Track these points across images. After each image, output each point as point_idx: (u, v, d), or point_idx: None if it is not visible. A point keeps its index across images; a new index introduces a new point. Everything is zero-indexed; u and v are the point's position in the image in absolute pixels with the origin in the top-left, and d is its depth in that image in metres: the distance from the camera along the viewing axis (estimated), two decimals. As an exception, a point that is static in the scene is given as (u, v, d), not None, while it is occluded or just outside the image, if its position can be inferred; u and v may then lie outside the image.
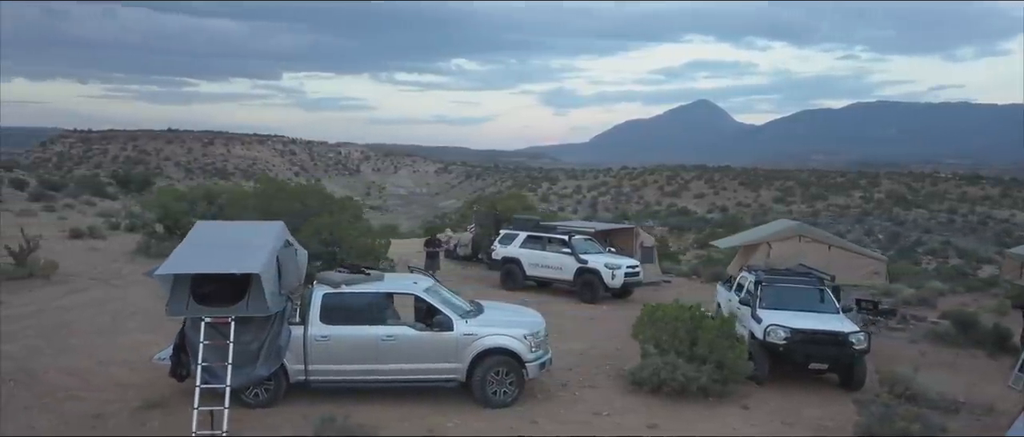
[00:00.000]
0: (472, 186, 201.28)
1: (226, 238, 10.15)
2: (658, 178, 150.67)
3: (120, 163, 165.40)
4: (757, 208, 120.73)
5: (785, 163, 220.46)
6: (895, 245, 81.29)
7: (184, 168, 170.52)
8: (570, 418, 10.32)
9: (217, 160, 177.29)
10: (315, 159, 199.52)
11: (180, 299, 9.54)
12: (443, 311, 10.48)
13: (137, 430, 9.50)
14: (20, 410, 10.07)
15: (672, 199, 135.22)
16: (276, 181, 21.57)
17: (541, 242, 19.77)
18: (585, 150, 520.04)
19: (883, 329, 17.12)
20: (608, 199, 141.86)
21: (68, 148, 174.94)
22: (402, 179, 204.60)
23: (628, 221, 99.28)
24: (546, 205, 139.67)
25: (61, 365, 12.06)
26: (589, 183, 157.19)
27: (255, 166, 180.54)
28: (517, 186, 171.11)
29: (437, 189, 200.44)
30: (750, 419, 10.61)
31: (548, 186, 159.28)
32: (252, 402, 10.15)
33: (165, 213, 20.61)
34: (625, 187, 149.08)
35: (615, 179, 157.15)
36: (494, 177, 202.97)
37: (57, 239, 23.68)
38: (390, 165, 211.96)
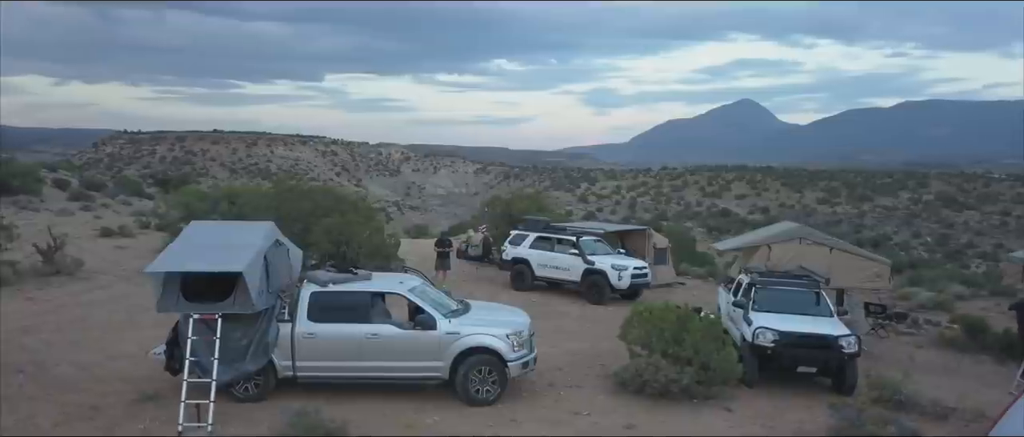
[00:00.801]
0: (511, 186, 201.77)
1: (216, 238, 10.52)
2: (699, 179, 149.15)
3: (168, 163, 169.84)
4: (800, 209, 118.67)
5: (831, 163, 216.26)
6: (944, 248, 79.15)
7: (229, 168, 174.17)
8: (550, 417, 10.47)
9: (260, 160, 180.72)
10: (356, 160, 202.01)
11: (170, 296, 9.94)
12: (426, 310, 10.71)
13: (130, 422, 9.92)
14: (25, 400, 10.58)
15: (713, 200, 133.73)
16: (288, 182, 22.06)
17: (550, 243, 19.89)
18: (626, 150, 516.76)
19: (893, 333, 16.89)
20: (648, 200, 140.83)
21: (119, 149, 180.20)
22: (442, 179, 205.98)
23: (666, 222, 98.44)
24: (585, 205, 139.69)
25: (71, 358, 12.62)
26: (628, 183, 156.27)
27: (297, 167, 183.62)
28: (555, 186, 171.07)
29: (476, 189, 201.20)
30: (731, 421, 10.62)
31: (587, 186, 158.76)
32: (242, 396, 10.51)
33: (188, 212, 21.23)
34: (665, 188, 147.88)
35: (655, 179, 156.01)
36: (533, 177, 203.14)
37: (88, 238, 24.58)
38: (430, 166, 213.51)
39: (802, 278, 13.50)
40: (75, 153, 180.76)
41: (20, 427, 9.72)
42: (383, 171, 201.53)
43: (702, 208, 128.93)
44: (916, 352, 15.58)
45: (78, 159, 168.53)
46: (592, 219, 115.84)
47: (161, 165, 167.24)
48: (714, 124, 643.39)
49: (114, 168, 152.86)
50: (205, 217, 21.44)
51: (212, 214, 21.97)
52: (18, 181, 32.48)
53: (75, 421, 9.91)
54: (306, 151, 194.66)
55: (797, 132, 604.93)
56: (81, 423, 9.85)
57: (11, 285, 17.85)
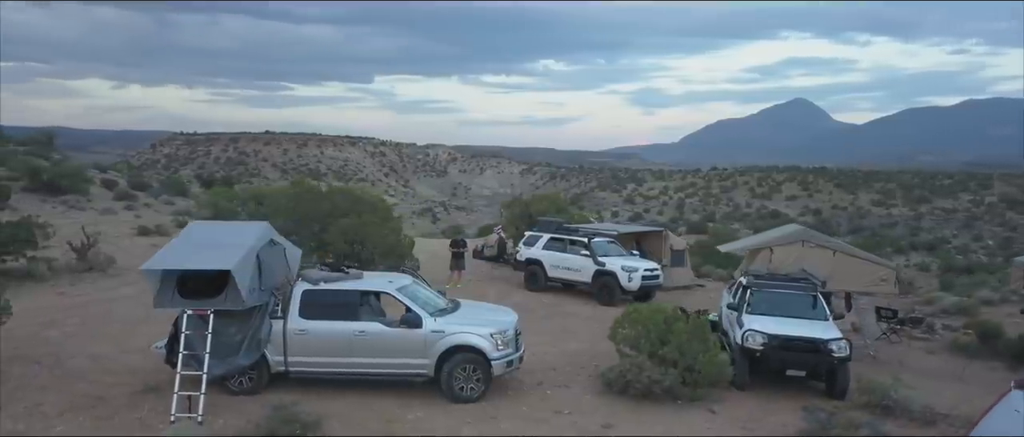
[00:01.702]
0: (556, 187, 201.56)
1: (211, 237, 10.98)
2: (749, 179, 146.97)
3: (222, 164, 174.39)
4: (853, 211, 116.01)
5: (888, 164, 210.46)
6: (1006, 251, 76.25)
7: (280, 169, 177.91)
8: (530, 415, 10.65)
9: (310, 161, 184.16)
10: (404, 160, 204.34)
11: (166, 292, 10.44)
12: (413, 309, 10.99)
13: (130, 411, 10.44)
14: (36, 390, 11.21)
15: (763, 201, 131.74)
16: (306, 183, 22.62)
17: (563, 244, 20.02)
18: (674, 150, 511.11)
19: (907, 338, 16.57)
20: (696, 201, 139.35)
21: (175, 150, 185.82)
22: (487, 180, 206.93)
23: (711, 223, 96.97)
24: (631, 206, 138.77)
25: (88, 351, 13.29)
26: (676, 184, 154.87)
27: (346, 167, 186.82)
28: (601, 187, 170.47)
29: (521, 190, 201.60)
30: (712, 422, 10.65)
31: (633, 187, 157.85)
32: (237, 389, 10.95)
33: (216, 212, 21.97)
34: (714, 188, 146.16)
35: (704, 180, 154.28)
36: (578, 178, 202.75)
37: (125, 236, 25.61)
38: (476, 166, 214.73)
39: (800, 281, 13.39)
40: (133, 154, 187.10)
41: (27, 414, 10.32)
42: (430, 172, 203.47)
43: (751, 209, 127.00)
44: (925, 357, 15.27)
45: (136, 160, 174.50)
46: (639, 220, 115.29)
47: (215, 166, 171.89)
48: (766, 124, 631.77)
49: (170, 168, 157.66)
50: (232, 217, 22.21)
51: (239, 213, 22.72)
52: (67, 181, 33.92)
53: (78, 410, 10.47)
54: (355, 152, 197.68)
55: (853, 132, 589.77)
56: (84, 412, 10.41)
57: (46, 281, 18.81)
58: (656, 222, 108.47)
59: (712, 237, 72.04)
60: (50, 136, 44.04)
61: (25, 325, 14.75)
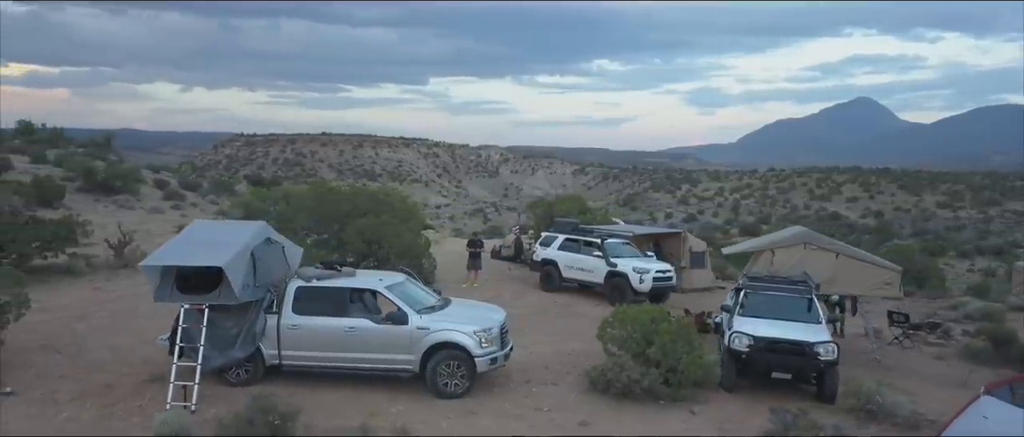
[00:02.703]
0: (609, 188, 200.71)
1: (209, 236, 11.58)
2: (807, 180, 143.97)
3: (280, 164, 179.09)
4: (917, 213, 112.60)
5: (957, 165, 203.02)
6: (1084, 256, 72.79)
7: (336, 169, 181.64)
8: (510, 412, 10.92)
9: (366, 162, 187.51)
10: (457, 161, 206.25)
11: (165, 287, 11.07)
12: (399, 306, 11.37)
13: (134, 399, 11.10)
14: (55, 377, 11.98)
15: (822, 203, 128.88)
16: (326, 183, 23.30)
17: (577, 245, 20.17)
18: (732, 151, 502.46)
19: (922, 344, 16.25)
20: (751, 202, 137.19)
21: (236, 151, 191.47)
22: (539, 180, 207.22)
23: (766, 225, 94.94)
24: (685, 207, 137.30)
25: (109, 342, 14.09)
26: (732, 185, 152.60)
27: (400, 168, 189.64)
28: (655, 188, 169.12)
29: (574, 190, 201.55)
30: (690, 422, 10.75)
31: (688, 188, 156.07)
32: (234, 381, 11.51)
33: (247, 211, 22.82)
34: (771, 189, 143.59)
35: (760, 181, 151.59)
36: (632, 178, 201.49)
37: (167, 234, 26.67)
38: (528, 167, 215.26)
39: (797, 284, 13.32)
40: (197, 155, 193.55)
41: (41, 400, 11.07)
42: (482, 172, 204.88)
43: (810, 211, 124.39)
44: (933, 363, 14.95)
45: (199, 160, 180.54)
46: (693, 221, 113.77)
47: (273, 166, 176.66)
48: (828, 124, 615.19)
49: (231, 169, 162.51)
50: (262, 216, 23.03)
51: (270, 213, 23.53)
52: (120, 181, 35.50)
53: (88, 397, 11.18)
54: (409, 153, 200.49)
55: (920, 131, 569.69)
56: (92, 398, 11.11)
57: (84, 276, 19.86)
58: (711, 224, 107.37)
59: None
60: (108, 138, 46.05)
61: (59, 318, 15.72)
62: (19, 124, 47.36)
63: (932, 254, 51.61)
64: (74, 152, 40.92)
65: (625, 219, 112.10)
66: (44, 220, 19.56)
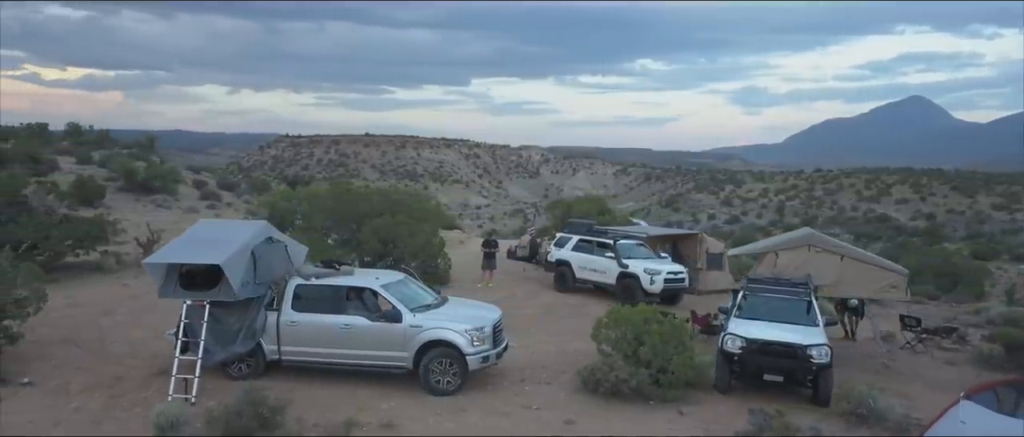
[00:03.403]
0: (651, 188, 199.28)
1: (212, 235, 12.00)
2: (855, 181, 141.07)
3: (324, 165, 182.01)
4: (971, 215, 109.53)
5: (1015, 165, 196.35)
6: None
7: (378, 170, 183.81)
8: (499, 409, 11.09)
9: (408, 163, 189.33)
10: (497, 162, 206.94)
11: (169, 284, 11.52)
12: (393, 304, 11.64)
13: (140, 391, 11.59)
14: (72, 369, 12.56)
15: (870, 204, 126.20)
16: (344, 184, 23.75)
17: (591, 245, 20.23)
18: (778, 151, 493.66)
19: (936, 348, 15.94)
20: (797, 203, 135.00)
21: (281, 151, 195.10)
22: (580, 181, 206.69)
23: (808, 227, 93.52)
24: (729, 209, 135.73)
25: (127, 337, 14.68)
26: (777, 186, 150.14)
27: (442, 169, 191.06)
28: (698, 189, 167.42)
29: (615, 191, 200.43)
30: (676, 423, 10.78)
31: (731, 189, 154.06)
32: (236, 375, 11.93)
33: (273, 211, 23.42)
34: (817, 191, 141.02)
35: (807, 182, 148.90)
36: (675, 179, 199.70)
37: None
38: (569, 167, 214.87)
39: (798, 286, 13.22)
40: (244, 155, 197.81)
41: (55, 390, 11.63)
42: (523, 173, 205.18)
43: (857, 213, 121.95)
44: (943, 368, 14.64)
45: (246, 161, 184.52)
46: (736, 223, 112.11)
47: (317, 167, 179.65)
48: (879, 123, 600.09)
49: (276, 169, 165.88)
50: (287, 216, 23.61)
51: (295, 212, 24.10)
52: (159, 182, 36.66)
53: (98, 388, 11.71)
54: (450, 154, 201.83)
55: (976, 131, 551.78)
56: (102, 390, 11.64)
57: (113, 273, 20.65)
58: (754, 225, 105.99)
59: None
60: (152, 139, 47.51)
61: (86, 312, 16.41)
62: (68, 126, 49.13)
63: (982, 257, 50.22)
64: (118, 153, 42.35)
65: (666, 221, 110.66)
66: (77, 219, 20.38)
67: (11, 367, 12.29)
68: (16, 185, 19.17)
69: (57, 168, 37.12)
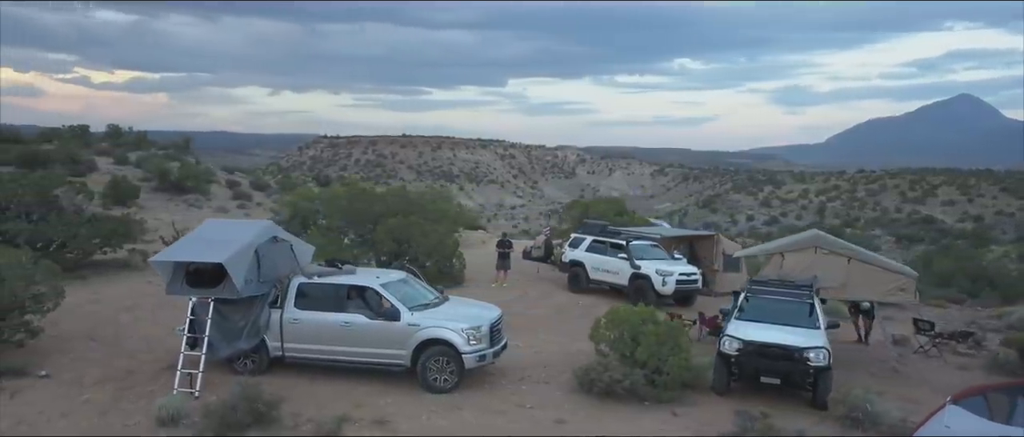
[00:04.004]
0: (689, 189, 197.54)
1: (218, 234, 12.32)
2: (899, 182, 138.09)
3: (362, 166, 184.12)
4: (1022, 218, 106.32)
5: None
6: None
7: (415, 170, 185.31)
8: (493, 407, 11.23)
9: (444, 163, 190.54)
10: (533, 162, 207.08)
11: (176, 281, 11.88)
12: (392, 303, 11.85)
13: (149, 384, 11.97)
14: (88, 363, 12.99)
15: (914, 206, 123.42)
16: (359, 185, 24.11)
17: (604, 246, 20.24)
18: (820, 151, 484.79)
19: (948, 353, 15.64)
20: (838, 204, 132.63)
21: (320, 152, 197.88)
22: (616, 181, 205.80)
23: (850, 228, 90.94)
24: (767, 209, 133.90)
25: (144, 332, 15.13)
26: (818, 187, 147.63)
27: (477, 169, 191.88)
28: (736, 189, 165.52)
29: (652, 191, 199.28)
30: (668, 424, 10.79)
31: (770, 190, 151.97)
32: (241, 370, 12.23)
33: (295, 211, 23.91)
34: (860, 191, 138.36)
35: (849, 183, 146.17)
36: (713, 179, 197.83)
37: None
38: (605, 167, 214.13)
39: (802, 288, 13.10)
40: (283, 156, 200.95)
41: (69, 382, 12.05)
42: (558, 173, 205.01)
43: (901, 214, 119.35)
44: (954, 373, 14.32)
45: (286, 162, 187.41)
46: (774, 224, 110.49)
47: (355, 167, 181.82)
48: (926, 123, 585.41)
49: (314, 169, 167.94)
50: (309, 216, 24.08)
51: (316, 213, 24.55)
52: (192, 182, 37.56)
53: (109, 381, 12.11)
54: (486, 154, 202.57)
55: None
56: (113, 382, 12.04)
57: (139, 270, 21.21)
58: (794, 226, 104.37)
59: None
60: (187, 140, 48.62)
61: (109, 308, 16.94)
62: (109, 128, 50.53)
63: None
64: (155, 154, 43.46)
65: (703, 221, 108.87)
66: (104, 218, 21.02)
67: (32, 360, 12.76)
68: (47, 185, 19.78)
69: (95, 168, 38.20)
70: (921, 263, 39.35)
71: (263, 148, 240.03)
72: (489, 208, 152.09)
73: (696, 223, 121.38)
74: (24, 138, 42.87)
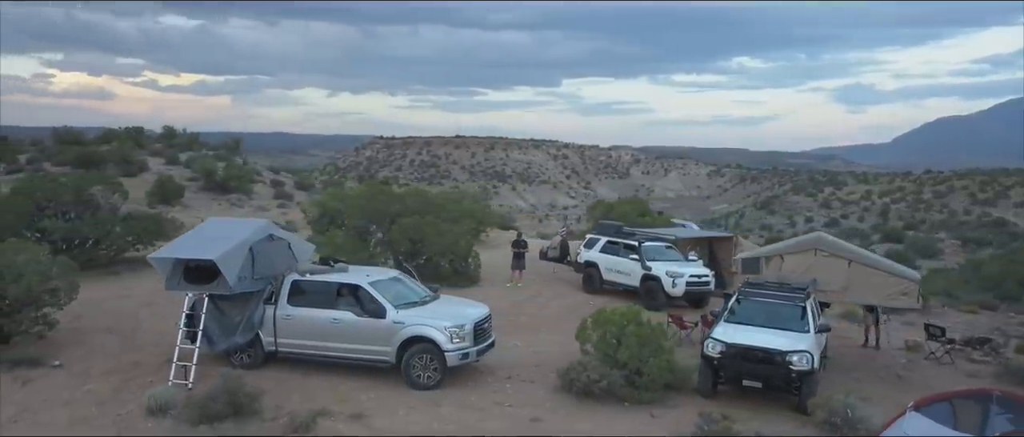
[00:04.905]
0: (746, 190, 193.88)
1: (215, 232, 12.78)
2: (969, 183, 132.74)
3: (416, 166, 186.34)
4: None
5: None
6: None
7: (467, 171, 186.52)
8: (473, 405, 11.39)
9: (496, 164, 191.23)
10: (586, 163, 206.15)
11: (174, 277, 12.39)
12: (379, 301, 12.12)
13: (151, 375, 12.50)
14: (101, 355, 13.64)
15: (984, 208, 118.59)
16: (377, 185, 24.50)
17: (617, 247, 20.15)
18: (885, 152, 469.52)
19: (964, 360, 15.14)
20: (903, 206, 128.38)
21: (375, 153, 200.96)
22: (671, 182, 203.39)
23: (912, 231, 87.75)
24: (827, 211, 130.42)
25: (158, 327, 15.71)
26: (882, 188, 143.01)
27: (530, 169, 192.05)
28: (795, 190, 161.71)
29: (708, 192, 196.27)
30: (644, 425, 10.78)
31: (831, 191, 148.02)
32: (237, 364, 12.68)
33: (323, 210, 24.50)
34: (926, 193, 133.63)
35: (914, 184, 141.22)
36: (771, 180, 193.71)
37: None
38: (660, 168, 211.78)
39: (796, 291, 12.87)
40: (340, 156, 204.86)
41: (79, 372, 12.70)
42: (612, 174, 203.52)
43: (970, 217, 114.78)
44: (962, 381, 13.87)
45: (342, 162, 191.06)
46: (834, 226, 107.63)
47: (410, 168, 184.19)
48: (999, 121, 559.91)
49: (370, 170, 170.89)
50: (336, 215, 24.62)
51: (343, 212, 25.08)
52: (235, 182, 38.80)
53: (115, 372, 12.72)
54: (539, 154, 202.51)
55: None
56: (117, 374, 12.64)
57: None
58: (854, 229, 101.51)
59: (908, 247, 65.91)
60: (237, 141, 50.16)
61: (131, 304, 17.69)
62: (164, 129, 52.50)
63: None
64: (204, 155, 45.04)
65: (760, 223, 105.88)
66: (138, 216, 21.91)
67: (49, 351, 13.49)
68: (84, 185, 20.76)
69: (146, 169, 39.83)
70: (971, 267, 37.95)
71: (321, 149, 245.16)
72: (541, 208, 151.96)
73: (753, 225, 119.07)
74: (84, 140, 44.94)
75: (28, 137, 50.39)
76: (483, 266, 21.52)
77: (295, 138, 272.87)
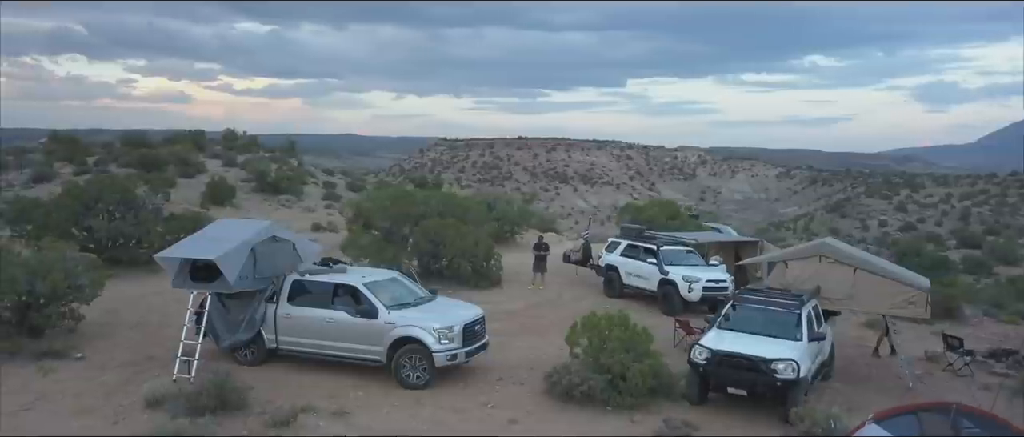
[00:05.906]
0: (817, 192, 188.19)
1: (220, 233, 13.33)
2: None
3: (478, 168, 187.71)
4: None
5: None
6: None
7: (529, 172, 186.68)
8: (455, 405, 11.59)
9: (558, 165, 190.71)
10: (650, 164, 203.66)
11: (180, 276, 12.98)
12: (371, 301, 12.43)
13: (161, 368, 13.12)
14: (123, 347, 14.38)
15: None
16: (399, 188, 24.90)
17: (637, 251, 20.00)
18: (968, 152, 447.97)
19: (984, 372, 14.52)
20: (986, 210, 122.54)
21: (439, 155, 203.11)
22: (739, 183, 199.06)
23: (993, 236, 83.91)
24: (903, 215, 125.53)
25: (181, 323, 16.44)
26: (963, 190, 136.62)
27: (592, 171, 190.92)
28: (869, 193, 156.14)
29: (777, 194, 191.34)
30: (622, 429, 10.78)
31: (907, 194, 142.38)
32: (241, 361, 13.21)
33: (358, 212, 25.12)
34: (1011, 196, 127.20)
35: (999, 187, 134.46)
36: (844, 182, 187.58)
37: (299, 230, 29.81)
38: (727, 169, 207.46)
39: (792, 298, 12.59)
40: (405, 158, 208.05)
41: (97, 363, 13.42)
42: (677, 175, 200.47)
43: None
44: (973, 393, 13.30)
45: (407, 163, 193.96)
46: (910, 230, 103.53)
47: (473, 170, 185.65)
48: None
49: (434, 172, 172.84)
50: (371, 216, 25.19)
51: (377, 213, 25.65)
52: (286, 183, 39.96)
53: (130, 365, 13.40)
54: (601, 156, 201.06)
55: None
56: (132, 366, 13.31)
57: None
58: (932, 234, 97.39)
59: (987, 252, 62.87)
60: (293, 143, 51.60)
61: (163, 300, 18.47)
62: (225, 132, 54.40)
63: None
64: (261, 157, 46.49)
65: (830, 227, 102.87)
66: (179, 216, 22.91)
67: (75, 343, 14.30)
68: (128, 186, 21.83)
69: (204, 171, 41.37)
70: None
71: (387, 151, 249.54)
72: (603, 209, 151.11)
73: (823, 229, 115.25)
74: (149, 143, 46.97)
75: (113, 139, 52.70)
76: (508, 268, 21.70)
77: (363, 140, 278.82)
